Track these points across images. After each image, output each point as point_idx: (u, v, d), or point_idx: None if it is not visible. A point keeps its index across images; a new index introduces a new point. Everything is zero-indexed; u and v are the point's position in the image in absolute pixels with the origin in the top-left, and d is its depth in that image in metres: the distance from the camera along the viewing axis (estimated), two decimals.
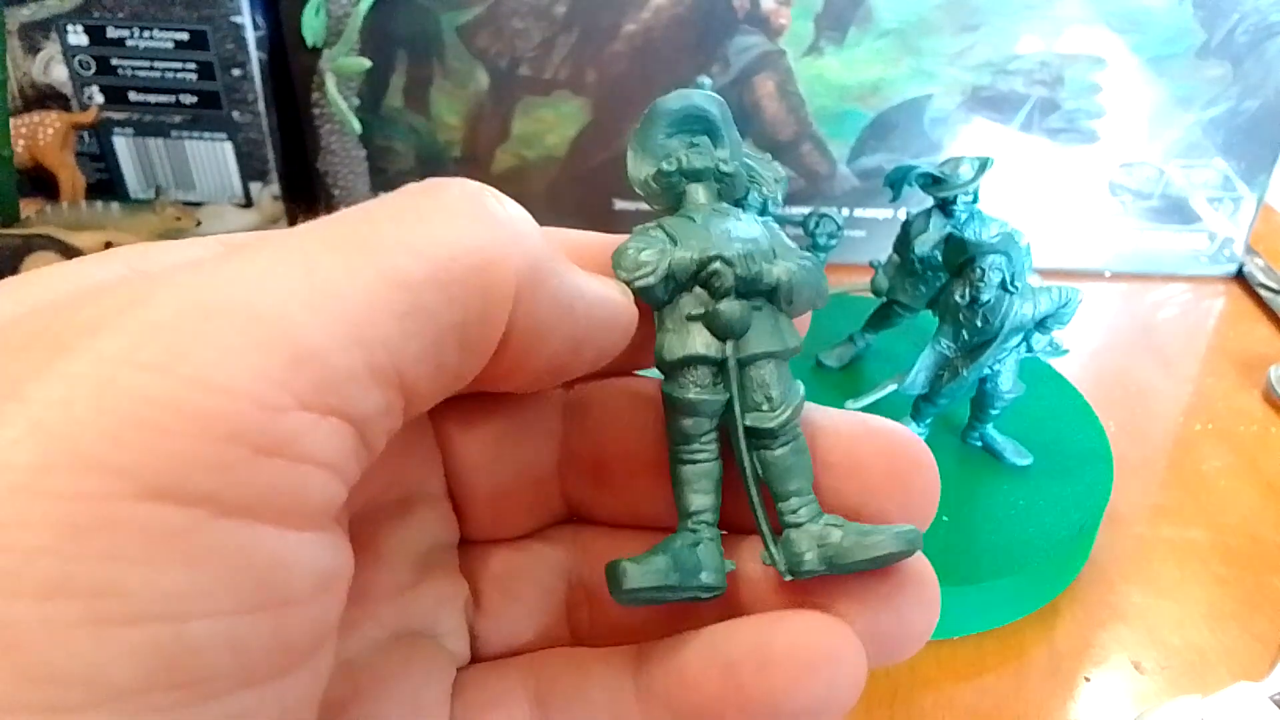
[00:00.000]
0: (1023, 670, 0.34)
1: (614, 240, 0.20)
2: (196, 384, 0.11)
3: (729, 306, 0.18)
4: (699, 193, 0.19)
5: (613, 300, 0.17)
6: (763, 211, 0.40)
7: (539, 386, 0.17)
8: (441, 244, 0.13)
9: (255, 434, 0.12)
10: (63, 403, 0.11)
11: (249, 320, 0.12)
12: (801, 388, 0.18)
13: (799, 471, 0.18)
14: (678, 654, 0.18)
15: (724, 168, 0.19)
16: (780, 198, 0.37)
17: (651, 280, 0.18)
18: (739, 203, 0.20)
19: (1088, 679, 0.34)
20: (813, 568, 0.17)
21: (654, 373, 0.19)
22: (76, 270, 0.14)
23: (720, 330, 0.18)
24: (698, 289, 0.18)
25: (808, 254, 0.19)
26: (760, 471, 0.18)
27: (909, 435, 0.18)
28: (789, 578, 0.18)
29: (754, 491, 0.18)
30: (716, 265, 0.18)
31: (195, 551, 0.11)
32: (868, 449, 0.19)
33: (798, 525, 0.18)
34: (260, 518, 0.12)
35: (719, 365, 0.18)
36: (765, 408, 0.18)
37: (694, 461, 0.18)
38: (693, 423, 0.18)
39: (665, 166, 0.19)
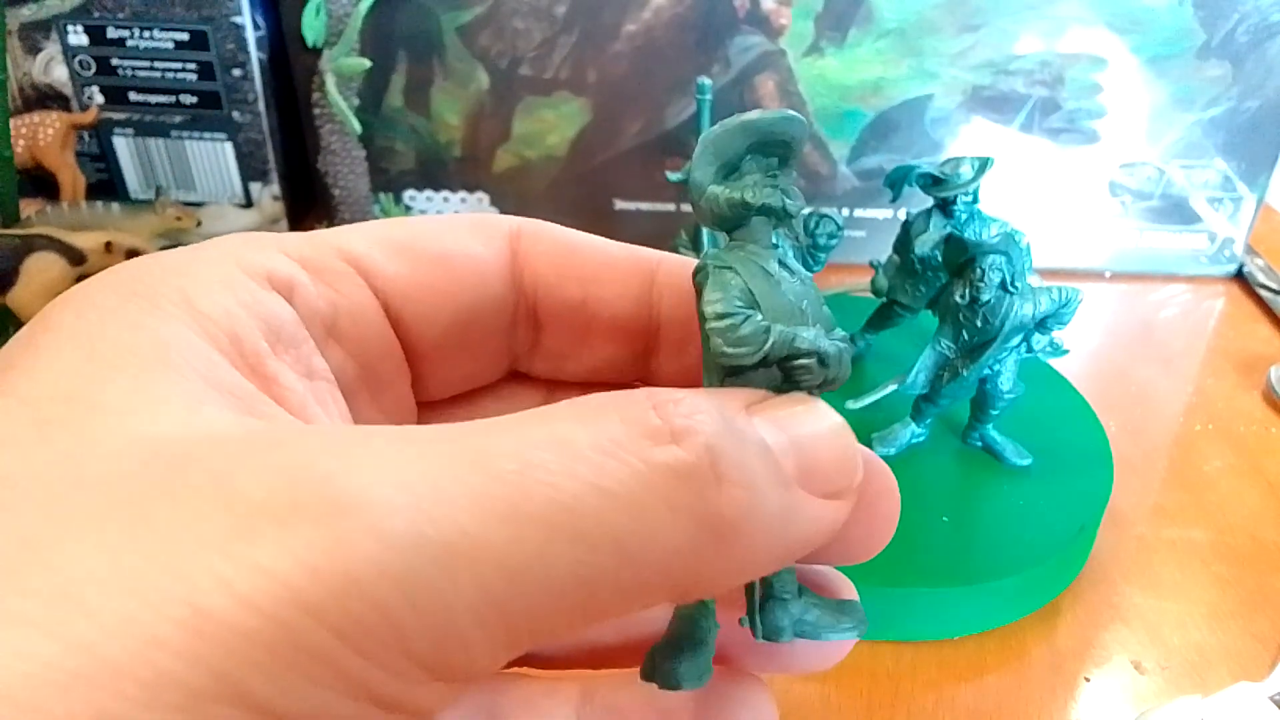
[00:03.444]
0: (1023, 670, 0.34)
1: (639, 258, 0.19)
2: (354, 648, 0.11)
3: None
4: (763, 229, 0.18)
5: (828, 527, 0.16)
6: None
7: None
8: (633, 561, 0.13)
9: (389, 700, 0.12)
10: (227, 630, 0.11)
11: (412, 591, 0.12)
12: None
13: None
14: (618, 694, 0.19)
15: (789, 207, 0.18)
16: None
17: (749, 361, 0.17)
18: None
19: (1088, 679, 0.34)
20: (787, 639, 0.19)
21: None
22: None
23: None
24: (775, 368, 0.17)
25: (839, 330, 0.19)
26: None
27: (876, 462, 0.19)
28: (762, 641, 0.19)
29: None
30: (809, 362, 0.17)
31: None
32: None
33: (783, 600, 0.19)
34: None
35: None
36: None
37: None
38: None
39: (747, 198, 0.18)
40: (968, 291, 0.35)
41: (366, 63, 0.53)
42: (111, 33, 0.54)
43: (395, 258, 0.18)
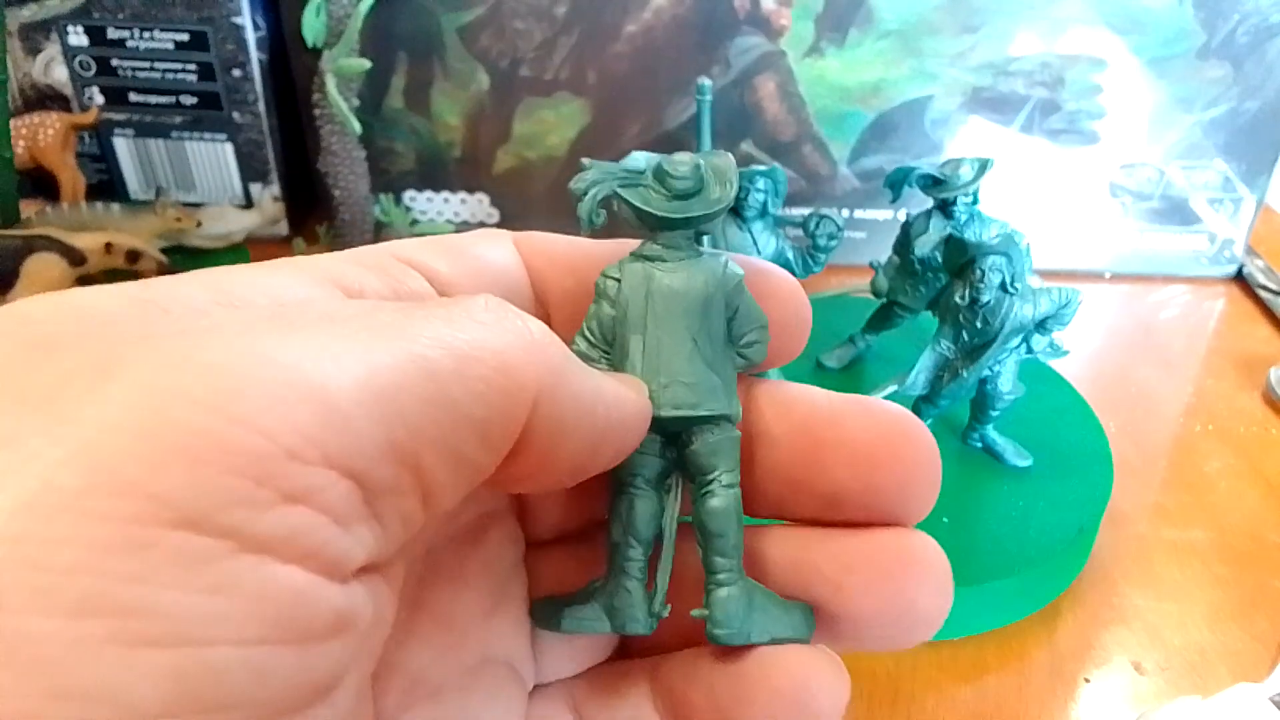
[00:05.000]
0: (1023, 671, 0.34)
1: (614, 245, 0.20)
2: (241, 425, 0.12)
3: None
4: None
5: (629, 399, 0.18)
6: (763, 214, 0.40)
7: (560, 486, 0.18)
8: (468, 344, 0.14)
9: (283, 480, 0.12)
10: (112, 428, 0.12)
11: (294, 376, 0.13)
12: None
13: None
14: (675, 672, 0.20)
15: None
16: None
17: None
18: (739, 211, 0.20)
19: (1088, 680, 0.34)
20: (738, 640, 0.19)
21: None
22: (149, 290, 0.15)
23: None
24: None
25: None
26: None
27: (906, 416, 0.19)
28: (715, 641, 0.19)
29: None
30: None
31: (221, 580, 0.12)
32: (864, 431, 0.19)
33: (727, 586, 0.19)
34: (282, 555, 0.12)
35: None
36: None
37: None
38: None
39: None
40: (968, 292, 0.35)
41: (366, 63, 0.53)
42: (111, 33, 0.54)
43: (443, 258, 0.19)
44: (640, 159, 0.20)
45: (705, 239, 0.21)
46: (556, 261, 0.20)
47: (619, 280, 0.19)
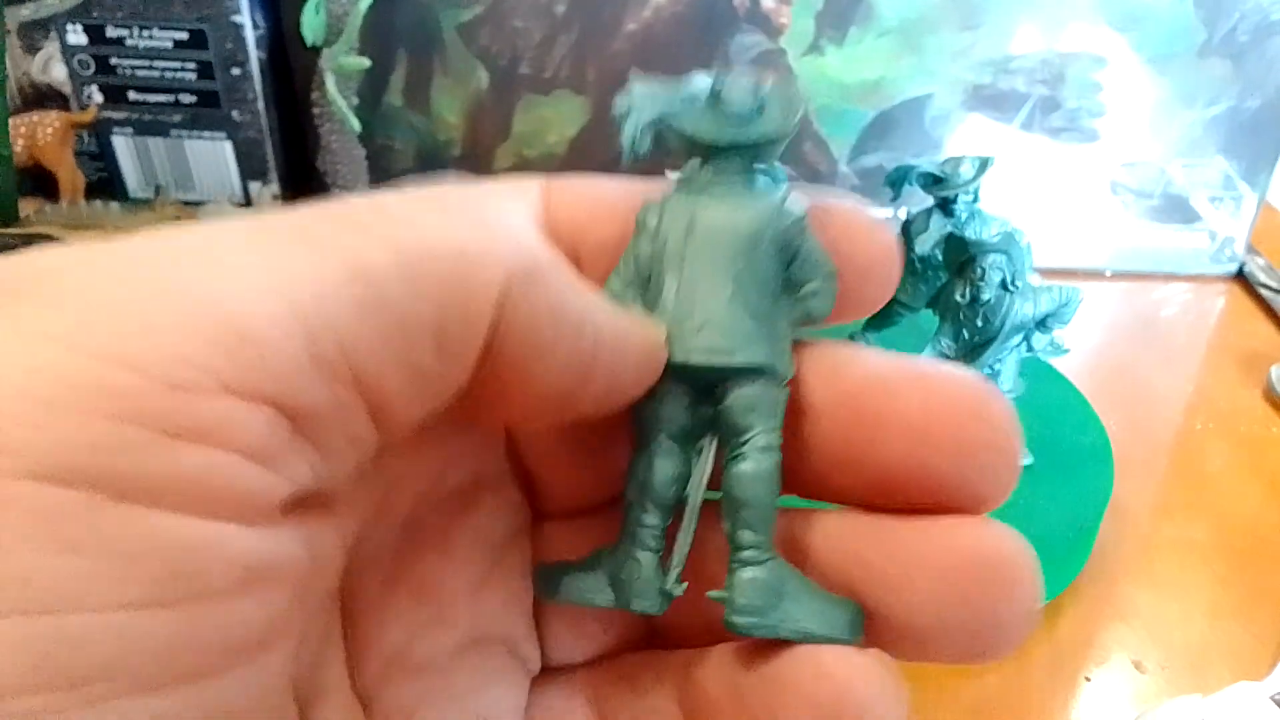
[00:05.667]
0: (1024, 669, 0.34)
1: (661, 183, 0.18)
2: (100, 359, 0.10)
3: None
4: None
5: (631, 330, 0.15)
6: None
7: (542, 419, 0.16)
8: (417, 236, 0.13)
9: (162, 415, 0.11)
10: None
11: (177, 296, 0.11)
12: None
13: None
14: (703, 668, 0.17)
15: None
16: None
17: None
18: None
19: (1088, 678, 0.34)
20: (758, 633, 0.16)
21: None
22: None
23: None
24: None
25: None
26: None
27: (976, 384, 0.16)
28: (734, 629, 0.16)
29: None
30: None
31: (84, 537, 0.10)
32: (920, 402, 0.16)
33: (755, 565, 0.16)
34: (168, 504, 0.11)
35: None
36: None
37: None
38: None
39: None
40: (968, 290, 0.35)
41: (366, 61, 0.53)
42: (110, 32, 0.54)
43: (434, 213, 0.16)
44: (698, 82, 0.17)
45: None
46: (598, 210, 0.17)
47: (660, 213, 0.17)
